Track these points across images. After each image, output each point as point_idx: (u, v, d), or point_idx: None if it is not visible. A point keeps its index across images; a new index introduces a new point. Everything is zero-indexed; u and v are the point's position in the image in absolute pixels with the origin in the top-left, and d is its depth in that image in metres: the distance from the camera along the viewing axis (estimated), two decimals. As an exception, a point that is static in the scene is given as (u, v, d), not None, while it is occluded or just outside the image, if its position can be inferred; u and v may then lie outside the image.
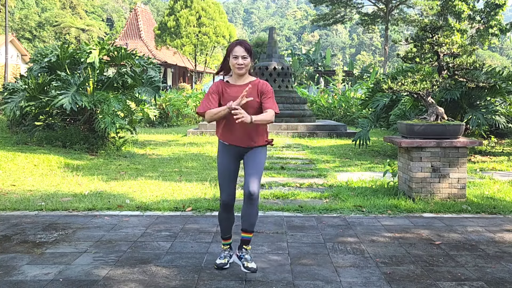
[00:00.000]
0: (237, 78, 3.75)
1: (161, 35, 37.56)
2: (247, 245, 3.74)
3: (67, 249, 4.31)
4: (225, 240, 3.91)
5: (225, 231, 3.88)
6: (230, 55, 3.69)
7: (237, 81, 3.75)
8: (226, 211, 3.81)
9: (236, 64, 3.66)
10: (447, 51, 6.80)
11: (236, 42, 3.73)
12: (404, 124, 6.47)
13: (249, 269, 3.61)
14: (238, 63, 3.65)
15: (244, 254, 3.70)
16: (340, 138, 14.85)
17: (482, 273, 3.79)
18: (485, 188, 7.11)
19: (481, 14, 36.15)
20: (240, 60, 3.65)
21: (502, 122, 9.85)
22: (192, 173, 8.37)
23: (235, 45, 3.69)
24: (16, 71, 25.43)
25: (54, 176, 7.99)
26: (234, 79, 3.77)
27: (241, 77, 3.75)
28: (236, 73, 3.72)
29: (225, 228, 3.87)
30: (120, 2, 77.64)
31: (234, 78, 3.77)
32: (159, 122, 18.96)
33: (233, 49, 3.67)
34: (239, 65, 3.66)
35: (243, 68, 3.68)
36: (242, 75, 3.72)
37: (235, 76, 3.76)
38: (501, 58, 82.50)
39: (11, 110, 10.20)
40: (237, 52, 3.65)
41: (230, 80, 3.78)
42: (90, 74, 10.55)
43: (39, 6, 59.71)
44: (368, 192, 6.76)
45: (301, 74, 37.38)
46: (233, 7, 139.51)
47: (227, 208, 3.80)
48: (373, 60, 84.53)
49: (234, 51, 3.66)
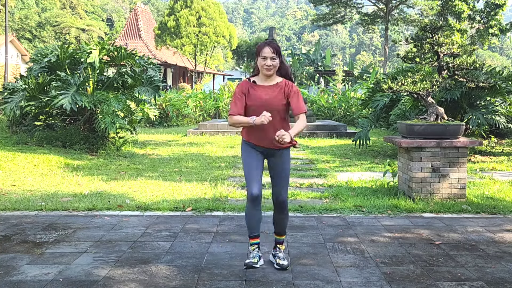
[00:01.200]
0: (264, 79, 3.75)
1: (161, 35, 37.54)
2: (281, 245, 3.93)
3: (67, 249, 4.31)
4: (253, 239, 3.84)
5: (253, 228, 3.81)
6: (259, 55, 3.68)
7: (264, 81, 3.75)
8: (255, 206, 3.73)
9: (264, 65, 3.66)
10: (447, 51, 6.80)
11: (265, 42, 3.72)
12: (404, 124, 6.47)
13: (281, 265, 3.77)
14: (267, 64, 3.65)
15: (278, 252, 3.88)
16: (340, 138, 14.85)
17: (482, 273, 3.79)
18: (485, 188, 7.11)
19: (481, 14, 36.16)
20: (269, 61, 3.65)
21: (502, 122, 9.84)
22: (192, 173, 8.37)
23: (264, 45, 3.68)
24: (16, 71, 25.44)
25: (54, 176, 7.99)
26: (261, 80, 3.76)
27: (269, 78, 3.75)
28: (264, 74, 3.71)
29: (254, 225, 3.81)
30: (120, 2, 77.63)
31: (261, 78, 3.77)
32: (159, 122, 18.96)
33: (262, 50, 3.67)
34: (268, 66, 3.66)
35: (272, 70, 3.69)
36: (270, 76, 3.73)
37: (262, 77, 3.76)
38: (501, 58, 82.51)
39: (11, 110, 10.21)
40: (266, 53, 3.65)
41: (256, 80, 3.78)
42: (90, 74, 10.55)
43: (39, 6, 59.70)
44: (368, 192, 6.76)
45: (301, 74, 37.36)
46: (233, 7, 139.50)
47: (256, 202, 3.72)
48: (373, 60, 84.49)
49: (263, 52, 3.66)
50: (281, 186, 3.79)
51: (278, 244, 3.92)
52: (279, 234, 3.93)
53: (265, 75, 3.72)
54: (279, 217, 3.87)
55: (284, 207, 3.83)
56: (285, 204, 3.82)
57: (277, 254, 3.86)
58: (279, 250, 3.90)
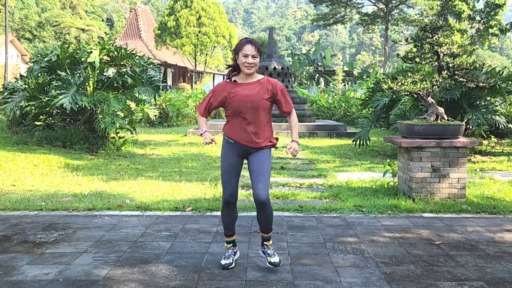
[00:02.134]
0: (246, 77, 3.73)
1: (161, 35, 37.55)
2: (267, 242, 3.88)
3: (67, 249, 4.31)
4: (228, 237, 3.92)
5: (227, 228, 3.89)
6: (239, 53, 3.64)
7: (245, 79, 3.73)
8: (229, 209, 3.81)
9: (246, 63, 3.62)
10: (447, 51, 6.80)
11: (245, 40, 3.69)
12: (404, 124, 6.47)
13: (272, 263, 3.76)
14: (248, 62, 3.62)
15: (266, 249, 3.85)
16: (340, 138, 14.85)
17: (482, 273, 3.79)
18: (485, 188, 7.11)
19: (481, 14, 36.17)
20: (250, 59, 3.61)
21: (502, 122, 9.85)
22: (192, 173, 8.37)
23: (245, 43, 3.64)
24: (16, 71, 25.44)
25: (54, 176, 7.99)
26: (242, 78, 3.74)
27: (250, 76, 3.73)
28: (245, 72, 3.68)
29: (228, 225, 3.88)
30: (120, 2, 77.63)
31: (243, 77, 3.74)
32: (159, 122, 18.96)
33: (243, 47, 3.63)
34: (249, 63, 3.62)
35: (253, 67, 3.65)
36: (251, 74, 3.70)
37: (243, 75, 3.73)
38: (501, 58, 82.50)
39: (11, 110, 10.21)
40: (248, 51, 3.61)
41: (238, 79, 3.75)
42: (90, 74, 10.55)
43: (39, 6, 59.70)
44: (368, 192, 6.76)
45: (301, 74, 37.38)
46: (233, 7, 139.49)
47: (229, 206, 3.80)
48: (373, 60, 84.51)
49: (244, 50, 3.62)
50: (260, 186, 3.65)
51: (265, 241, 3.88)
52: (265, 232, 3.86)
53: (245, 74, 3.69)
54: (261, 216, 3.77)
55: (264, 207, 3.69)
56: (265, 203, 3.67)
57: (266, 251, 3.85)
58: (267, 246, 3.87)
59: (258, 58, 3.66)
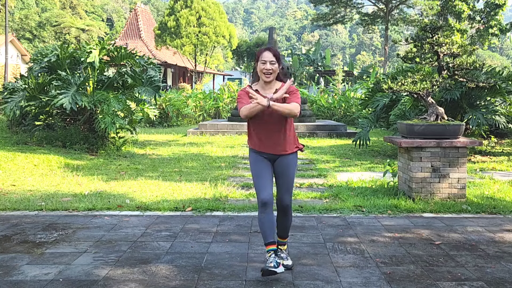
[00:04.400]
0: (265, 85, 3.73)
1: (161, 35, 37.53)
2: (283, 246, 3.94)
3: (67, 249, 4.31)
4: (268, 246, 3.63)
5: (268, 235, 3.64)
6: (258, 60, 3.70)
7: (265, 90, 3.72)
8: (267, 211, 3.65)
9: (264, 69, 3.66)
10: (447, 51, 6.80)
11: (265, 48, 3.76)
12: (404, 124, 6.47)
13: (285, 266, 3.76)
14: (266, 68, 3.65)
15: (280, 253, 3.87)
16: (340, 138, 14.85)
17: (482, 273, 3.79)
18: (485, 188, 7.11)
19: (481, 14, 36.16)
20: (268, 65, 3.65)
21: (502, 122, 9.84)
22: (192, 173, 8.37)
23: (264, 50, 3.71)
24: (16, 71, 25.42)
25: (54, 176, 7.99)
26: (262, 88, 3.74)
27: (269, 84, 3.73)
28: (263, 80, 3.70)
29: (268, 232, 3.64)
30: (120, 2, 77.60)
31: (262, 85, 3.75)
32: (159, 122, 18.96)
33: (262, 54, 3.69)
34: (267, 70, 3.66)
35: (271, 74, 3.68)
36: (269, 82, 3.71)
37: (262, 83, 3.75)
38: (501, 58, 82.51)
39: (11, 109, 10.21)
40: (266, 57, 3.66)
41: (258, 88, 3.76)
42: (90, 74, 10.55)
43: (39, 6, 59.69)
44: (368, 192, 6.76)
45: (301, 74, 37.39)
46: (233, 7, 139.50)
47: (266, 207, 3.64)
48: (373, 60, 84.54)
49: (263, 56, 3.67)
50: (284, 191, 3.78)
51: (280, 246, 3.89)
52: (282, 237, 3.93)
53: (264, 81, 3.71)
54: (281, 220, 3.87)
55: (286, 211, 3.83)
56: (287, 208, 3.81)
57: (280, 255, 3.84)
58: (281, 251, 3.89)
59: (276, 65, 3.69)
